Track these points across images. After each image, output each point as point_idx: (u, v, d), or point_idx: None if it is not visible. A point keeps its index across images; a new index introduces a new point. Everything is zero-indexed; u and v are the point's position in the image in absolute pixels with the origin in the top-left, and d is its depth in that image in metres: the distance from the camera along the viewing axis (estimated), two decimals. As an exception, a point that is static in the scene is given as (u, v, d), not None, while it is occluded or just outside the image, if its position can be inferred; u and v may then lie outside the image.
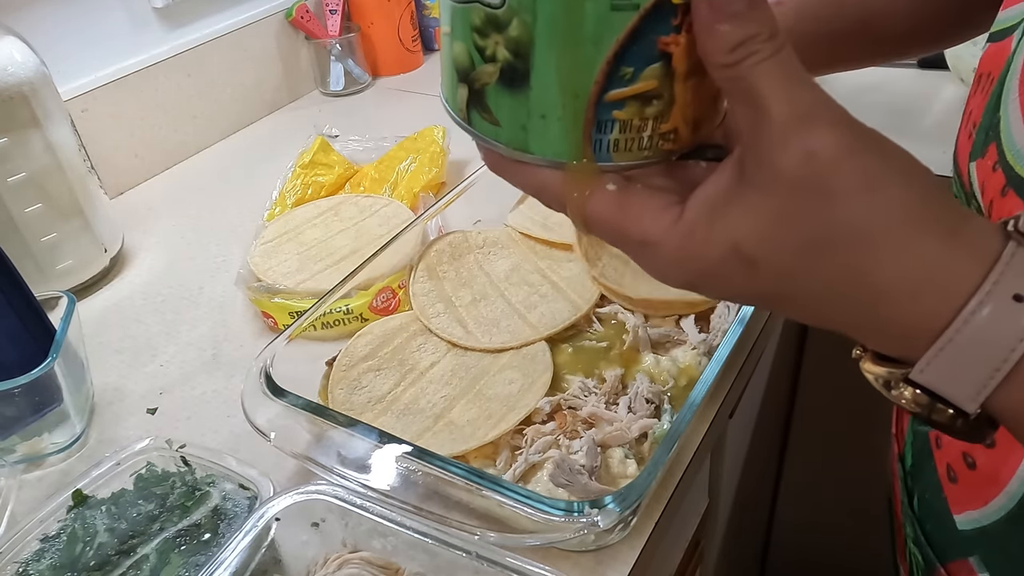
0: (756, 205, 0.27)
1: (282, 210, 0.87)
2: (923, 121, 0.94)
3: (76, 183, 0.78)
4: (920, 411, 0.28)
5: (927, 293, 0.26)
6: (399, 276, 0.69)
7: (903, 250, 0.26)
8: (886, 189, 0.26)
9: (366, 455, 0.50)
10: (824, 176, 0.26)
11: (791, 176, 0.26)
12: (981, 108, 0.43)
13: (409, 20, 1.25)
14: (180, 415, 0.65)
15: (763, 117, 0.26)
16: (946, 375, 0.27)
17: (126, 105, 0.99)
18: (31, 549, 0.52)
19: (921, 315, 0.26)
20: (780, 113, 0.25)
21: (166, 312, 0.78)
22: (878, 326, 0.28)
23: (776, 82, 0.26)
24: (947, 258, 0.26)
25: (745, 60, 0.26)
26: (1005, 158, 0.38)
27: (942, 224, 0.26)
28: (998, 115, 0.40)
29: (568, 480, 0.50)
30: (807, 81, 0.26)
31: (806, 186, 0.26)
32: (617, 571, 0.49)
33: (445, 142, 0.92)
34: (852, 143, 0.26)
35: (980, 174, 0.41)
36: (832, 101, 0.27)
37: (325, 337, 0.67)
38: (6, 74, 0.71)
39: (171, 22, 1.03)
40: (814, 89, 0.26)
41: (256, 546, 0.47)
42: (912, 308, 0.26)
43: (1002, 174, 0.38)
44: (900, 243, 0.26)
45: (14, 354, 0.61)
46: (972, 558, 0.44)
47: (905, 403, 0.28)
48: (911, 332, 0.27)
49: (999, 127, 0.39)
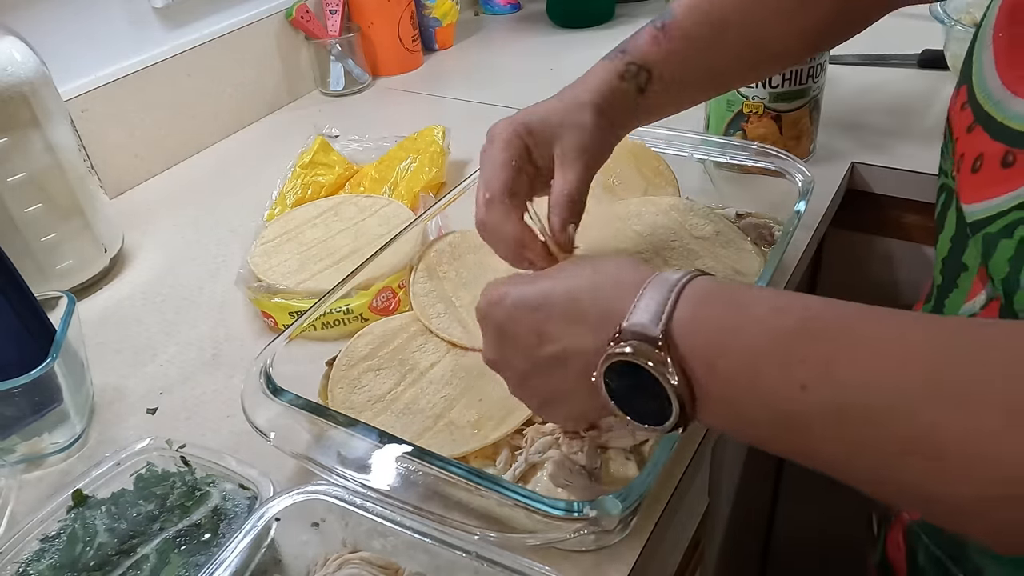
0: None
1: (282, 210, 0.87)
2: (923, 121, 0.94)
3: (76, 183, 0.78)
4: (630, 356, 0.37)
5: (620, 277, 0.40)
6: (399, 276, 0.69)
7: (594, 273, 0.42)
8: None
9: (366, 455, 0.50)
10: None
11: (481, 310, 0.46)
12: None
13: (409, 20, 1.25)
14: (180, 415, 0.65)
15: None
16: (640, 311, 0.37)
17: (126, 105, 0.99)
18: (31, 549, 0.52)
19: (618, 284, 0.40)
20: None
21: (166, 312, 0.78)
22: (593, 295, 0.41)
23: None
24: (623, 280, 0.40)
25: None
26: (975, 98, 0.41)
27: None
28: (971, 60, 0.43)
29: (568, 480, 0.50)
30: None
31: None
32: (617, 571, 0.49)
33: (445, 142, 0.92)
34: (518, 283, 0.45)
35: (952, 115, 0.45)
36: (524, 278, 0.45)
37: (325, 337, 0.67)
38: (6, 74, 0.71)
39: (171, 22, 1.03)
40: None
41: (256, 546, 0.47)
42: (613, 281, 0.40)
43: (970, 112, 0.41)
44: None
45: (14, 354, 0.61)
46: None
47: (626, 354, 0.37)
48: (615, 288, 0.40)
49: (971, 70, 0.43)
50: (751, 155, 0.74)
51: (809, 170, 0.70)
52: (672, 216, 0.71)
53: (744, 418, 0.36)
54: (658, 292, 0.37)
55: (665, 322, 0.36)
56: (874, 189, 0.89)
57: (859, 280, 1.00)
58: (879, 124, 0.94)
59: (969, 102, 0.42)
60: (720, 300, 0.37)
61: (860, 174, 0.89)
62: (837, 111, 0.95)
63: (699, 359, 0.36)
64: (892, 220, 0.92)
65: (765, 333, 0.34)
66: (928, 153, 0.50)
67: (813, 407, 0.32)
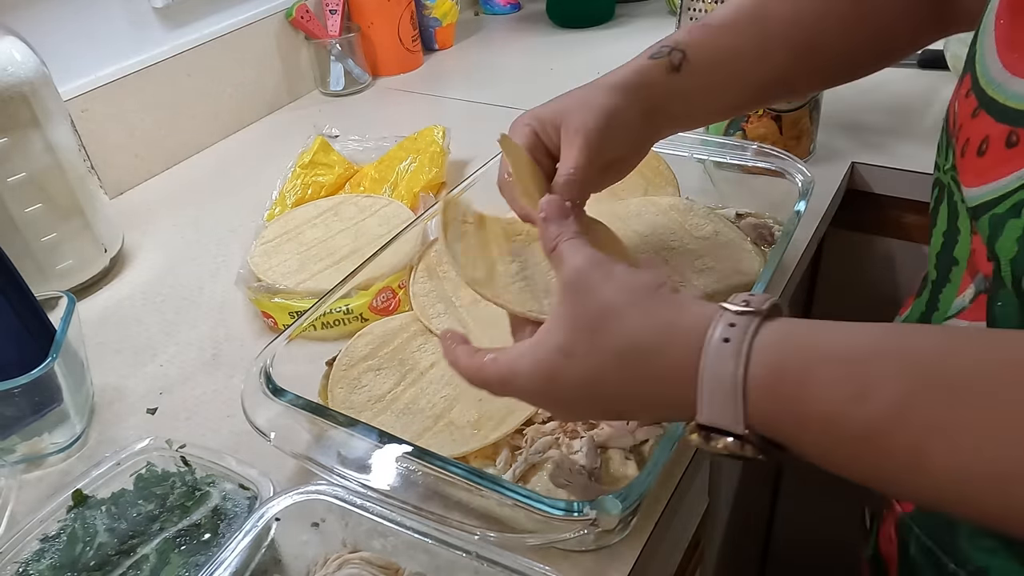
0: (558, 316, 0.40)
1: (282, 210, 0.87)
2: (923, 121, 0.94)
3: (76, 183, 0.78)
4: (726, 450, 0.35)
5: (673, 346, 0.36)
6: (399, 276, 0.69)
7: (645, 315, 0.37)
8: (616, 279, 0.39)
9: (366, 455, 0.50)
10: (583, 278, 0.39)
11: (566, 283, 0.40)
12: None
13: (409, 20, 1.25)
14: (180, 415, 0.65)
15: (559, 268, 0.42)
16: (715, 412, 0.34)
17: (126, 105, 0.99)
18: (31, 549, 0.52)
19: (674, 368, 0.36)
20: (567, 263, 0.41)
21: (166, 312, 0.78)
22: (656, 388, 0.37)
23: (570, 248, 0.41)
24: (679, 322, 0.36)
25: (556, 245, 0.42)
26: (979, 84, 0.42)
27: (669, 304, 0.37)
28: (975, 48, 0.44)
29: (568, 480, 0.50)
30: (583, 247, 0.41)
31: (576, 287, 0.39)
32: (617, 571, 0.49)
33: (445, 142, 0.92)
34: (599, 260, 0.40)
35: (956, 103, 0.45)
36: (597, 255, 0.41)
37: (325, 337, 0.67)
38: (6, 74, 0.71)
39: (171, 22, 1.03)
40: (585, 248, 0.41)
41: (256, 546, 0.47)
42: (664, 363, 0.36)
43: (974, 98, 0.42)
44: (641, 311, 0.37)
45: (14, 354, 0.61)
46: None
47: (721, 448, 0.35)
48: (675, 383, 0.36)
49: (975, 58, 0.43)
50: (751, 155, 0.74)
51: (809, 170, 0.70)
52: (672, 216, 0.71)
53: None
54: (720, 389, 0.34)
55: (744, 420, 0.34)
56: (874, 189, 0.89)
57: (859, 280, 1.00)
58: (879, 124, 0.94)
59: (973, 89, 0.43)
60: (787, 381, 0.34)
61: (860, 174, 0.89)
62: (837, 111, 0.95)
63: (781, 434, 0.34)
64: (892, 220, 0.92)
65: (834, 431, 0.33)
66: (928, 153, 0.51)
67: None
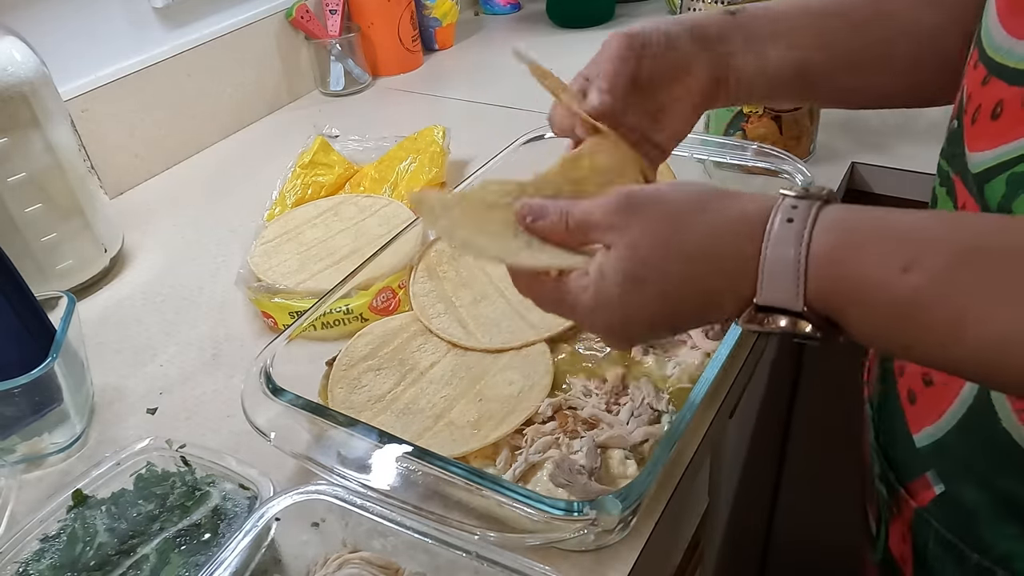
0: (621, 247, 0.39)
1: (282, 210, 0.87)
2: (923, 121, 0.94)
3: (76, 183, 0.78)
4: (779, 329, 0.37)
5: (739, 236, 0.37)
6: (399, 276, 0.69)
7: (718, 213, 0.38)
8: (685, 187, 0.40)
9: (366, 455, 0.50)
10: (633, 202, 0.40)
11: (618, 208, 0.40)
12: None
13: (409, 20, 1.25)
14: (180, 415, 0.65)
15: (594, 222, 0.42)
16: (775, 290, 0.36)
17: (126, 105, 0.99)
18: (31, 549, 0.52)
19: (737, 257, 0.37)
20: (601, 206, 0.42)
21: (166, 312, 0.78)
22: (716, 282, 0.38)
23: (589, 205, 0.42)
24: (748, 210, 0.38)
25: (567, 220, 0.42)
26: (986, 54, 0.43)
27: (733, 199, 0.39)
28: (980, 27, 0.45)
29: (568, 480, 0.50)
30: (601, 197, 0.42)
31: (631, 209, 0.40)
32: (617, 571, 0.49)
33: (445, 142, 0.92)
34: (634, 189, 0.41)
35: (965, 80, 0.46)
36: (624, 188, 0.42)
37: (325, 337, 0.67)
38: (6, 74, 0.71)
39: (171, 22, 1.03)
40: (600, 197, 0.42)
41: (256, 546, 0.47)
42: (731, 252, 0.38)
43: (983, 67, 0.43)
44: (714, 210, 0.38)
45: (14, 354, 0.61)
46: (929, 472, 0.50)
47: (772, 327, 0.37)
48: (735, 274, 0.37)
49: (980, 32, 0.44)
50: (751, 155, 0.74)
51: (809, 170, 0.70)
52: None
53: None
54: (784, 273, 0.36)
55: (804, 297, 0.36)
56: (874, 189, 0.89)
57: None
58: (879, 124, 0.94)
59: (981, 59, 0.44)
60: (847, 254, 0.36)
61: (860, 174, 0.89)
62: (837, 111, 0.95)
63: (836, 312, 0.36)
64: (892, 220, 0.92)
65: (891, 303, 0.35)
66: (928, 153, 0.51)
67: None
